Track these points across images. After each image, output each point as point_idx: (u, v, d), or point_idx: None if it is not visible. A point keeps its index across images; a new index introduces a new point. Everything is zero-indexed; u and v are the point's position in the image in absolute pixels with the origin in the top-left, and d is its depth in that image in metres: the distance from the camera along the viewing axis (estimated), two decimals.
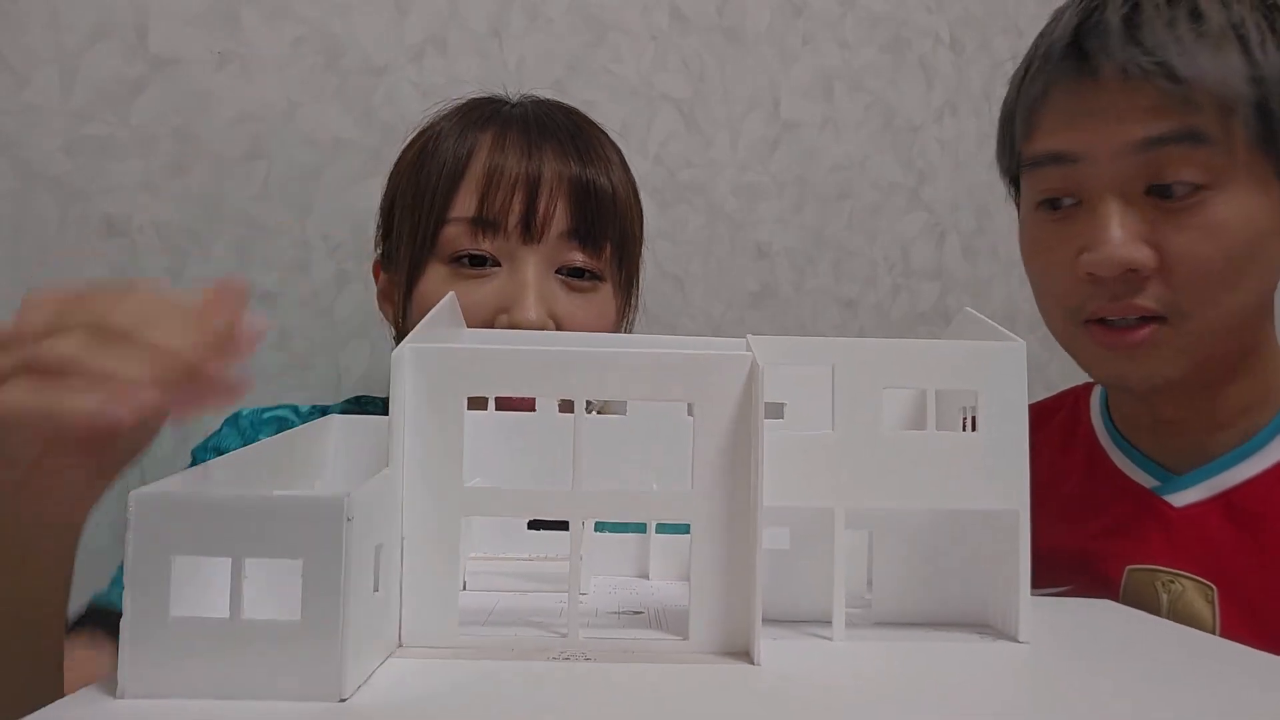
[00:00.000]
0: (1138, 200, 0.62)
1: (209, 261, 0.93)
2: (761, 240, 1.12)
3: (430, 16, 1.00)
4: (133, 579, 0.32)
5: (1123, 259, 0.61)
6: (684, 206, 1.09)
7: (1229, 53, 0.61)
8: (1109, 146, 0.62)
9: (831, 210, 1.15)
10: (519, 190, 0.70)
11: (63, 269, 0.89)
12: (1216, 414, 0.67)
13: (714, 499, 0.39)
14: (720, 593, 0.39)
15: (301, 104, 0.96)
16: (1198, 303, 0.62)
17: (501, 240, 0.71)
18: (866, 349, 0.42)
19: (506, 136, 0.73)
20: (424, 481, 0.39)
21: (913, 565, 0.45)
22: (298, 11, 0.96)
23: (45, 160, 0.88)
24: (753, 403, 0.39)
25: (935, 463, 0.42)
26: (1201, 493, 0.67)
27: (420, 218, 0.73)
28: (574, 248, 0.73)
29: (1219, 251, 0.61)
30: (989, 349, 0.42)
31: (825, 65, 1.14)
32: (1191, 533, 0.66)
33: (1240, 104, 0.60)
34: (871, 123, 1.16)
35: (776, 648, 0.39)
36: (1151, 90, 0.61)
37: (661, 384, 0.40)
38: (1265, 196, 0.62)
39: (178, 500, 0.33)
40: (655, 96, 1.08)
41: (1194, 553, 0.66)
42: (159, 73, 0.91)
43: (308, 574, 0.32)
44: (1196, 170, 0.61)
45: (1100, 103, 0.63)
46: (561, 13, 1.04)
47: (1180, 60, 0.60)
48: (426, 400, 0.39)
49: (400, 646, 0.39)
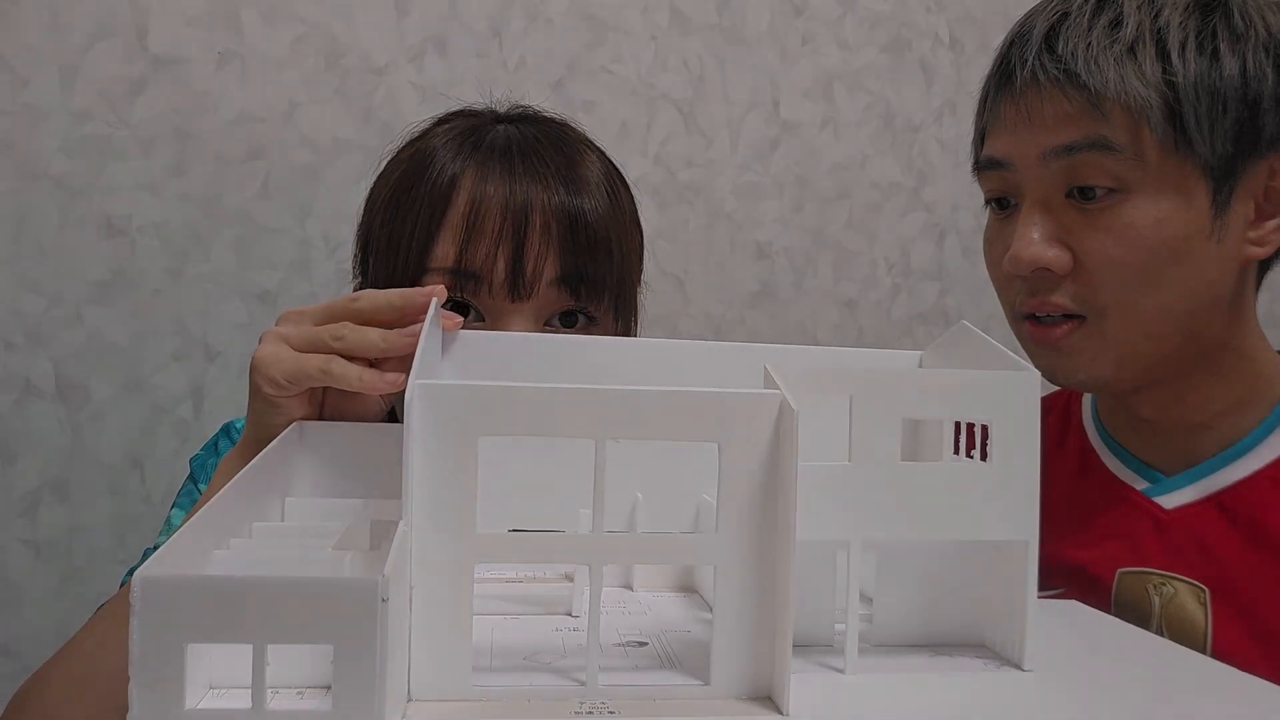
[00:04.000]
0: (1058, 203, 0.65)
1: (209, 261, 0.93)
2: (761, 240, 1.12)
3: (430, 16, 1.00)
4: (140, 669, 0.29)
5: (1032, 258, 0.65)
6: (684, 206, 1.09)
7: (1143, 60, 0.62)
8: (1029, 153, 0.65)
9: (831, 210, 1.15)
10: (505, 241, 0.63)
11: (63, 269, 0.89)
12: (1193, 414, 0.68)
13: (741, 541, 0.38)
14: (745, 636, 0.38)
15: (301, 104, 0.96)
16: (1113, 302, 0.64)
17: (485, 297, 0.64)
18: (883, 380, 0.42)
19: (488, 173, 0.65)
20: (435, 528, 0.36)
21: (915, 586, 0.45)
22: (298, 11, 0.96)
23: (45, 160, 0.88)
24: (785, 446, 0.37)
25: (948, 493, 0.41)
26: (1192, 494, 0.68)
27: (397, 264, 0.66)
28: (565, 297, 0.65)
29: (1129, 253, 0.63)
30: (1003, 379, 0.42)
31: (825, 65, 1.14)
32: (1183, 535, 0.67)
33: (1148, 112, 0.62)
34: (871, 123, 1.16)
35: (794, 685, 0.38)
36: (1063, 98, 0.64)
37: (687, 424, 0.38)
38: (1183, 199, 0.63)
39: (191, 585, 0.29)
40: (655, 96, 1.08)
41: (1186, 555, 0.66)
42: (159, 73, 0.91)
43: (340, 660, 0.29)
44: (1107, 177, 0.63)
45: (1021, 111, 0.66)
46: (561, 13, 1.04)
47: (1087, 69, 0.62)
48: (439, 442, 0.36)
49: (410, 701, 0.36)
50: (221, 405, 0.94)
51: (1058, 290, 0.65)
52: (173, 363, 0.92)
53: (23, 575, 0.88)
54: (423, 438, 0.36)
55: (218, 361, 0.94)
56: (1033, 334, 0.68)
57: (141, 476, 0.91)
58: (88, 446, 0.90)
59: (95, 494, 0.90)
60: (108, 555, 0.91)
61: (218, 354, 0.94)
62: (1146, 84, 0.62)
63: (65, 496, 0.90)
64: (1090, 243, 0.64)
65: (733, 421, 0.37)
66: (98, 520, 0.91)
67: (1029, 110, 0.65)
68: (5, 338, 0.88)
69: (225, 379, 0.94)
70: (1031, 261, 0.65)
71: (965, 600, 0.45)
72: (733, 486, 0.38)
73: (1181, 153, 0.63)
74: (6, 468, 0.88)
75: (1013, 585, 0.43)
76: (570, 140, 0.71)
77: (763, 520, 0.38)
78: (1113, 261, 0.63)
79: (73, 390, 0.89)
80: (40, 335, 0.89)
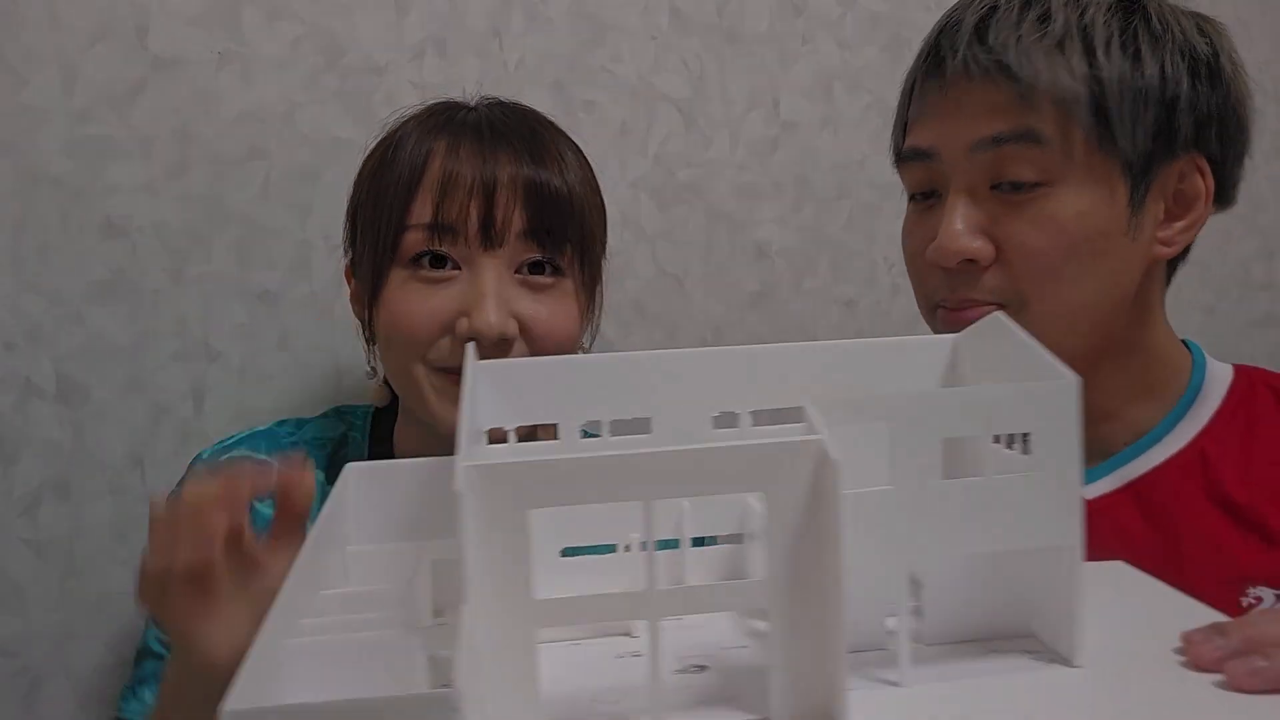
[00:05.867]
0: (984, 195, 0.66)
1: (209, 261, 0.93)
2: (761, 240, 1.12)
3: (430, 16, 1.00)
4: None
5: (958, 250, 0.65)
6: (684, 206, 1.09)
7: (1071, 55, 0.63)
8: (957, 144, 0.66)
9: (831, 210, 1.15)
10: (475, 196, 0.71)
11: (63, 269, 0.89)
12: (1101, 406, 0.69)
13: (791, 587, 0.39)
14: (802, 674, 0.39)
15: (301, 104, 0.96)
16: (1033, 293, 0.65)
17: (462, 246, 0.72)
18: (924, 403, 0.42)
19: (461, 143, 0.73)
20: (495, 599, 0.38)
21: (963, 586, 0.46)
22: (298, 11, 0.96)
23: (45, 160, 0.88)
24: (828, 495, 0.38)
25: (993, 507, 0.42)
26: (1111, 483, 0.70)
27: (380, 226, 0.74)
28: (533, 247, 0.73)
29: (1051, 244, 0.64)
30: (1042, 390, 0.42)
31: (825, 65, 1.14)
32: (1104, 524, 0.69)
33: (1076, 106, 0.63)
34: (871, 123, 1.16)
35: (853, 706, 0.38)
36: (993, 90, 0.64)
37: (732, 477, 0.39)
38: (1106, 194, 0.65)
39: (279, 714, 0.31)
40: (655, 96, 1.08)
41: (1109, 545, 0.68)
42: (159, 73, 0.91)
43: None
44: (1033, 169, 0.64)
45: (949, 101, 0.67)
46: (561, 13, 1.04)
47: (1018, 61, 0.63)
48: (489, 518, 0.37)
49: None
50: (222, 405, 0.94)
51: (976, 287, 0.66)
52: (173, 363, 0.92)
53: (23, 575, 0.89)
54: (476, 515, 0.37)
55: (218, 361, 0.94)
56: (946, 320, 0.68)
57: (142, 476, 0.91)
58: (88, 446, 0.90)
59: (95, 494, 0.90)
60: (108, 555, 0.91)
61: (218, 354, 0.94)
62: (1075, 78, 0.63)
63: (65, 496, 0.90)
64: (1014, 233, 0.65)
65: (776, 472, 0.38)
66: (98, 520, 0.91)
67: (958, 100, 0.66)
68: (5, 338, 0.88)
69: (225, 379, 0.94)
70: (958, 253, 0.65)
71: (1013, 591, 0.46)
72: (780, 533, 0.38)
73: (1105, 149, 0.64)
74: (6, 468, 0.88)
75: (1058, 585, 0.43)
76: (535, 120, 0.78)
77: (812, 563, 0.38)
78: (1035, 251, 0.64)
79: (73, 390, 0.90)
80: (40, 335, 0.89)
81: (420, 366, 0.74)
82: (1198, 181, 0.67)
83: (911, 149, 0.70)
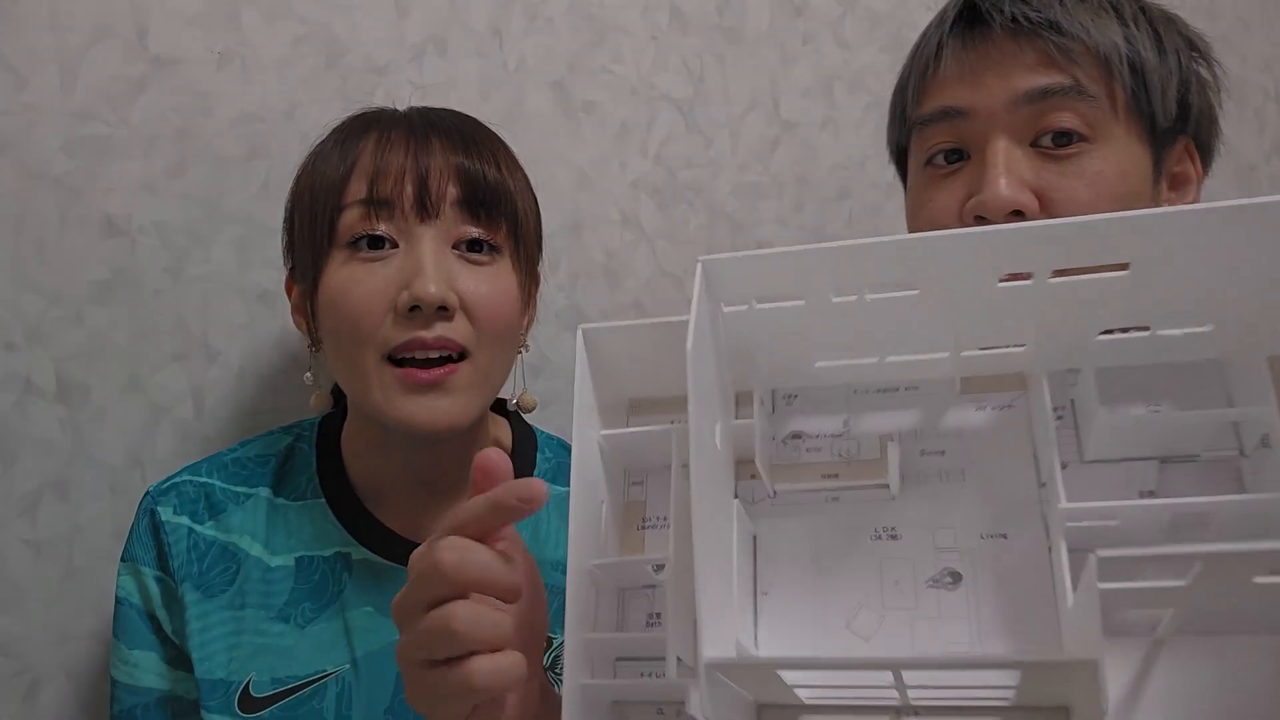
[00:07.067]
0: (1024, 150, 0.66)
1: (209, 261, 0.93)
2: (761, 240, 1.12)
3: (430, 16, 1.00)
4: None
5: (1009, 200, 0.65)
6: (684, 206, 1.09)
7: (1108, 21, 0.66)
8: (999, 98, 0.66)
9: (831, 210, 1.15)
10: (409, 171, 0.72)
11: (63, 269, 0.89)
12: None
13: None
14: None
15: (301, 104, 0.96)
16: None
17: (399, 220, 0.72)
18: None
19: (392, 132, 0.75)
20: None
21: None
22: (298, 11, 0.96)
23: (45, 160, 0.88)
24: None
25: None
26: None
27: (316, 213, 0.74)
28: (468, 220, 0.74)
29: (1097, 198, 0.65)
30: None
31: (825, 65, 1.14)
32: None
33: (1120, 64, 0.65)
34: (871, 123, 1.16)
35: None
36: (1039, 44, 0.66)
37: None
38: (1139, 157, 0.67)
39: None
40: (655, 96, 1.08)
41: None
42: (159, 73, 0.91)
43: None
44: (1079, 121, 0.65)
45: (991, 57, 0.67)
46: (561, 13, 1.04)
47: (1065, 17, 0.65)
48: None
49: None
50: (222, 405, 0.94)
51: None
52: (173, 363, 0.92)
53: (23, 575, 0.88)
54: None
55: (218, 361, 0.94)
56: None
57: (142, 476, 0.91)
58: (88, 446, 0.90)
59: (95, 494, 0.90)
60: (108, 555, 0.91)
61: (218, 354, 0.94)
62: (1118, 37, 0.66)
63: (65, 496, 0.90)
64: (1059, 187, 0.65)
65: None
66: (98, 520, 0.91)
67: (999, 58, 0.67)
68: (5, 338, 0.88)
69: (225, 379, 0.94)
70: (1008, 203, 0.65)
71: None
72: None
73: (1139, 112, 0.66)
74: (6, 468, 0.88)
75: None
76: (468, 120, 0.79)
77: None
78: (1080, 205, 0.64)
79: (73, 390, 0.89)
80: (40, 335, 0.89)
81: (369, 357, 0.72)
82: (1189, 167, 0.70)
83: (942, 108, 0.69)
